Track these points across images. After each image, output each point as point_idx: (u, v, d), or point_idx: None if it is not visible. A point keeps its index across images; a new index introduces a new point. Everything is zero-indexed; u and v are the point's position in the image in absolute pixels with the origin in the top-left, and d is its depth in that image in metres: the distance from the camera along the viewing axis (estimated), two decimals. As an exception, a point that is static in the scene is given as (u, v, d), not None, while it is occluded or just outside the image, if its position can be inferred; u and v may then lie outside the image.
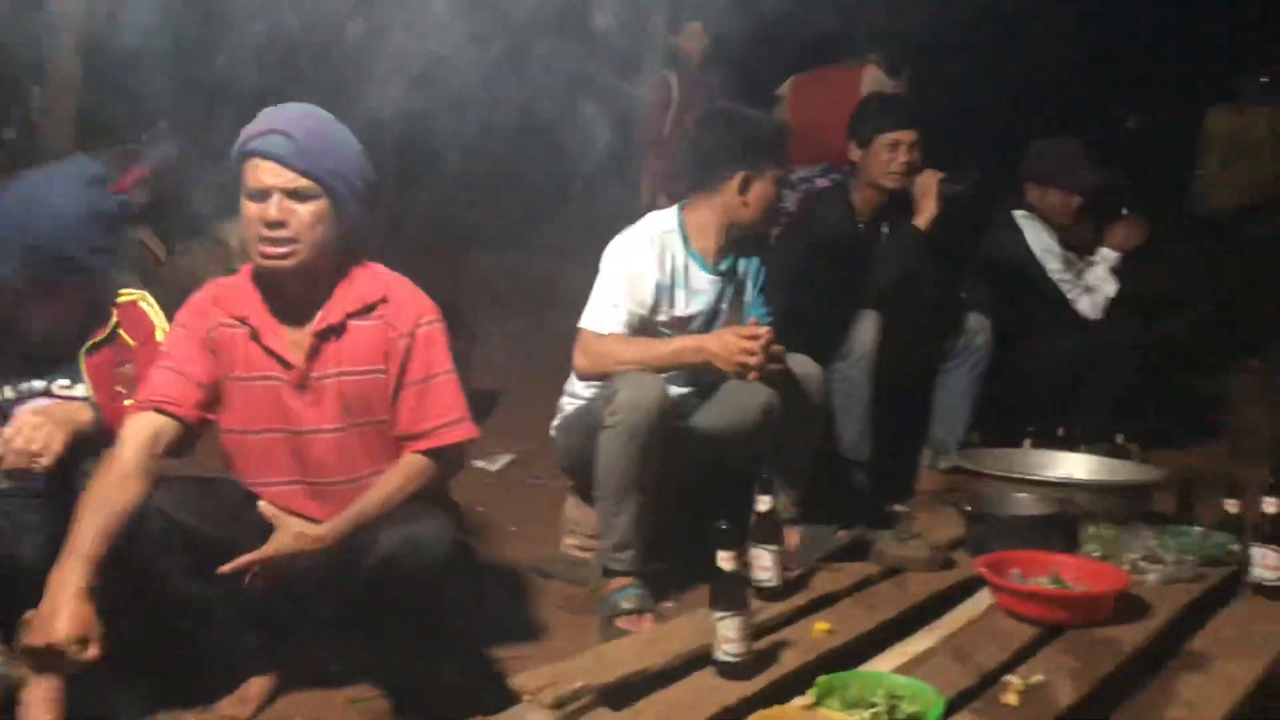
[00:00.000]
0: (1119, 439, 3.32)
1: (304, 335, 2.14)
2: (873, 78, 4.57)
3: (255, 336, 2.14)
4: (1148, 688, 2.00)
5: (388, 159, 7.46)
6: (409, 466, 2.15)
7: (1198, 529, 2.68)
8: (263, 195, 2.06)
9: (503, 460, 3.82)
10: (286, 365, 2.14)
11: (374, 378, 2.16)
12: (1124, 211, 4.01)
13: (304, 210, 2.07)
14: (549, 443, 2.97)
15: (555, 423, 2.89)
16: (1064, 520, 2.60)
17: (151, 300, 2.34)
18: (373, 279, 2.19)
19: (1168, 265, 5.34)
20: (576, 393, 2.82)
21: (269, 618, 2.16)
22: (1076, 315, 3.90)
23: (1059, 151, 3.99)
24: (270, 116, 2.11)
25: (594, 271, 2.74)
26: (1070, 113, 5.99)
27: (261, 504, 2.14)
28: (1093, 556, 2.47)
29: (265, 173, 2.06)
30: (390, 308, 2.17)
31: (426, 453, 2.16)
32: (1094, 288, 3.91)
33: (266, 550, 2.04)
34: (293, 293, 2.15)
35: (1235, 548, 2.55)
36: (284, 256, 2.08)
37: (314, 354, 2.14)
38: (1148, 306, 4.47)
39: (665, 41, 5.33)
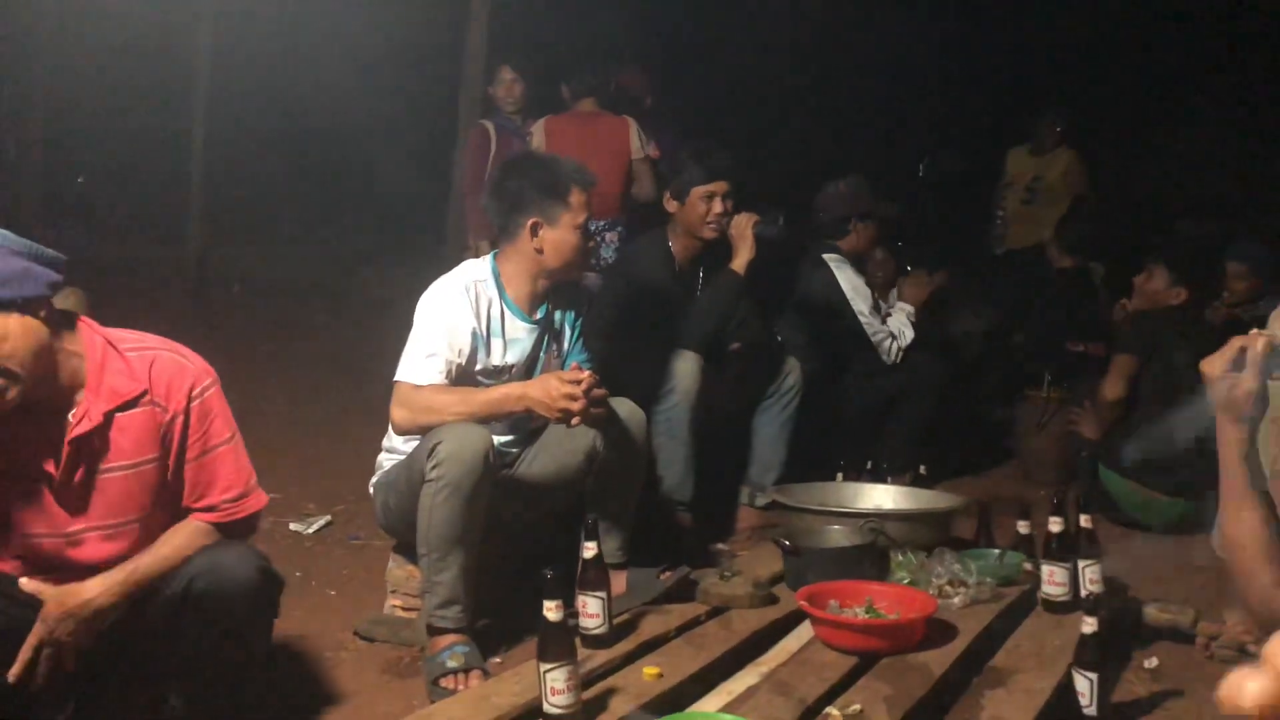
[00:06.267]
0: (922, 469, 3.51)
1: (61, 437, 1.94)
2: (635, 130, 4.69)
3: (11, 447, 1.94)
4: (956, 706, 2.11)
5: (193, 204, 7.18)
6: (193, 530, 2.03)
7: (995, 551, 2.86)
8: None
9: (319, 522, 3.67)
10: (48, 474, 1.95)
11: (148, 467, 2.00)
12: (908, 269, 4.33)
13: None
14: (367, 501, 2.88)
15: (374, 479, 2.81)
16: (876, 550, 2.72)
17: None
18: (128, 367, 1.97)
19: (968, 302, 5.73)
20: (395, 447, 2.75)
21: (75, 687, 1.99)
22: (870, 356, 4.13)
23: (854, 189, 4.25)
24: None
25: (409, 323, 2.69)
26: (861, 158, 6.38)
27: (23, 581, 1.93)
28: (903, 583, 2.60)
29: None
30: (157, 391, 1.99)
31: (216, 526, 2.05)
32: (894, 335, 4.15)
33: (38, 630, 1.88)
34: (32, 397, 1.91)
35: (1029, 566, 2.74)
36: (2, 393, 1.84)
37: (75, 457, 1.95)
38: (949, 342, 4.79)
39: (483, 90, 5.34)
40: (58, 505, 1.96)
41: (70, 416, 1.93)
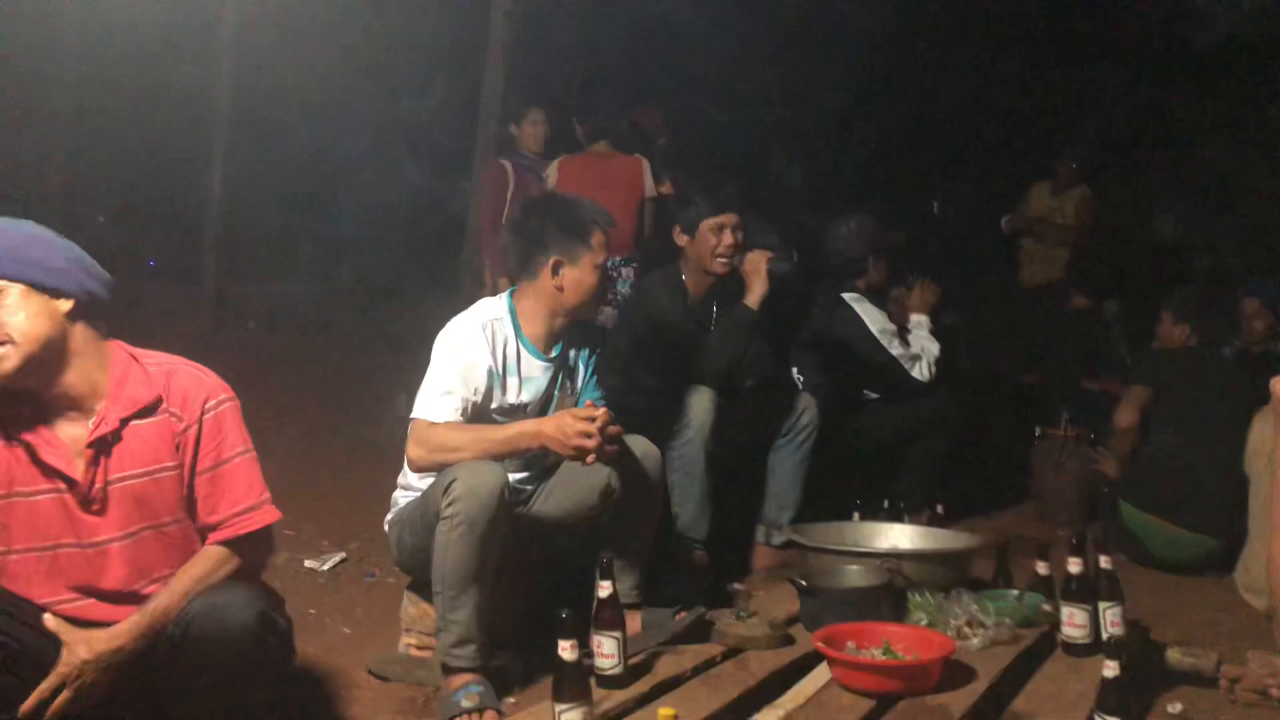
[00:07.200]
0: (939, 509, 3.48)
1: (81, 443, 2.01)
2: (649, 169, 4.72)
3: (31, 452, 1.99)
4: (976, 750, 2.07)
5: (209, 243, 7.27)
6: (209, 557, 2.05)
7: (1013, 592, 2.83)
8: None
9: (334, 559, 3.67)
10: (69, 480, 2.00)
11: (165, 475, 2.05)
12: (909, 279, 4.35)
13: None
14: (382, 538, 2.88)
15: (389, 517, 2.81)
16: (893, 590, 2.69)
17: None
18: (147, 377, 2.05)
19: (984, 340, 5.74)
20: (410, 484, 2.75)
21: None
22: (901, 390, 4.11)
23: (863, 227, 4.26)
24: None
25: (425, 360, 2.70)
26: (874, 195, 6.40)
27: (47, 617, 1.95)
28: (920, 624, 2.57)
29: None
30: (172, 401, 2.05)
31: (227, 543, 2.07)
32: (920, 354, 4.14)
33: (60, 672, 1.88)
34: (49, 397, 1.99)
35: (1047, 608, 2.71)
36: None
37: (94, 463, 2.01)
38: (966, 380, 4.77)
39: (500, 129, 5.41)
40: (81, 511, 2.01)
41: (90, 423, 2.01)
